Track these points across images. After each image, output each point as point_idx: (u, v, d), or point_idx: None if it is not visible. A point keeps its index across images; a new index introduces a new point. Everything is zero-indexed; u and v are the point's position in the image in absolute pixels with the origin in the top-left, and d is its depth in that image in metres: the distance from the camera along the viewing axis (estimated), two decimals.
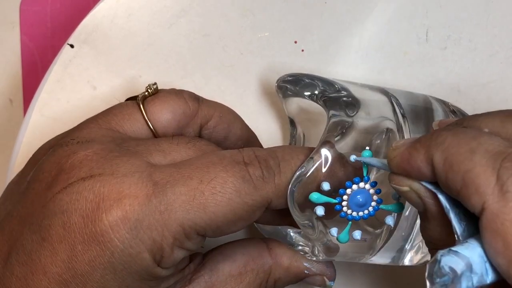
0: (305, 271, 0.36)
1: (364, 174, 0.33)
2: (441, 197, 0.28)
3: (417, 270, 0.43)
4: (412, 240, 0.36)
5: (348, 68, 0.43)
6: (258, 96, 0.43)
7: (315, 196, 0.32)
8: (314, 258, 0.36)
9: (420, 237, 0.36)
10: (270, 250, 0.36)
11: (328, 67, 0.43)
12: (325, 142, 0.33)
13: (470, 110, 0.40)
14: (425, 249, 0.37)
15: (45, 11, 0.53)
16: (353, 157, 0.32)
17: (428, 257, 0.37)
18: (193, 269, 0.34)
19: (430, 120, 0.38)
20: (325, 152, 0.33)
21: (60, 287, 0.30)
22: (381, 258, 0.37)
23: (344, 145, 0.34)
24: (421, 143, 0.28)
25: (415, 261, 0.37)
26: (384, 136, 0.35)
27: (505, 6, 0.44)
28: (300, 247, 0.37)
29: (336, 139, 0.34)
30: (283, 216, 0.36)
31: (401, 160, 0.29)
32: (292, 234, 0.37)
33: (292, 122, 0.41)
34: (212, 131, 0.37)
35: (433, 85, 0.43)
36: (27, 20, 0.53)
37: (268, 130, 0.43)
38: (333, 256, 0.35)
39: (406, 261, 0.37)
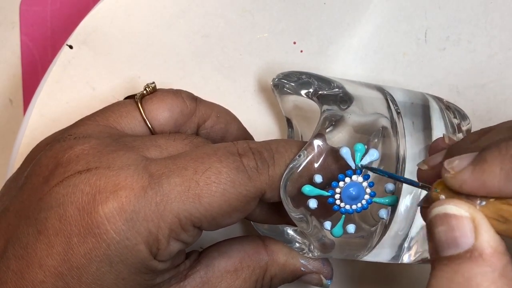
0: (302, 268, 0.36)
1: (357, 167, 0.33)
2: None
3: (415, 270, 0.43)
4: (410, 238, 0.37)
5: (347, 69, 0.43)
6: (257, 97, 0.43)
7: (307, 189, 0.33)
8: (310, 255, 0.36)
9: (418, 235, 0.37)
10: (266, 247, 0.36)
11: (327, 68, 0.43)
12: (318, 135, 0.34)
13: (469, 111, 0.41)
14: (423, 247, 0.37)
15: (45, 11, 0.53)
16: (344, 150, 0.33)
17: (426, 255, 0.37)
18: (188, 265, 0.34)
19: (426, 117, 0.38)
20: (317, 145, 0.33)
21: (55, 280, 0.30)
22: (379, 256, 0.37)
23: (336, 138, 0.34)
24: (488, 162, 0.27)
25: (413, 259, 0.37)
26: (380, 135, 0.35)
27: (504, 7, 0.44)
28: (297, 245, 0.37)
29: (327, 130, 0.34)
30: (280, 215, 0.36)
31: (473, 186, 0.27)
32: (289, 231, 0.37)
33: (289, 123, 0.41)
34: (209, 131, 0.37)
35: (432, 86, 0.43)
36: (27, 20, 0.53)
37: (267, 131, 0.43)
38: (329, 252, 0.35)
39: (405, 259, 0.37)
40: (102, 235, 0.30)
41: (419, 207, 0.33)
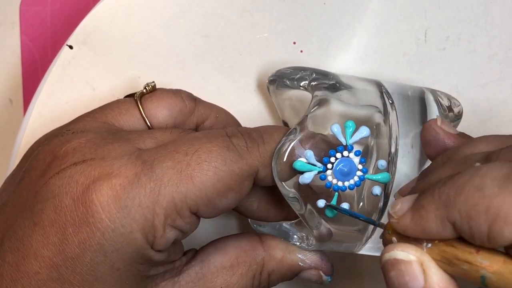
0: (299, 263, 0.36)
1: (348, 143, 0.33)
2: None
3: None
4: None
5: (347, 69, 0.43)
6: (257, 97, 0.43)
7: (298, 163, 0.33)
8: (306, 244, 0.36)
9: None
10: (263, 243, 0.36)
11: (327, 68, 0.43)
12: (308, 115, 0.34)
13: (469, 111, 0.41)
14: None
15: (45, 11, 0.53)
16: (334, 127, 0.33)
17: None
18: (185, 261, 0.34)
19: (422, 108, 0.38)
20: (308, 122, 0.33)
21: (50, 271, 0.30)
22: (379, 251, 0.37)
23: (326, 116, 0.35)
24: (425, 208, 0.27)
25: None
26: (374, 134, 0.35)
27: (504, 7, 0.44)
28: (295, 237, 0.37)
29: (313, 108, 0.35)
30: (278, 210, 0.37)
31: (414, 231, 0.28)
32: (285, 225, 0.37)
33: (286, 126, 0.41)
34: None
35: (432, 86, 0.43)
36: (27, 20, 0.53)
37: None
38: (326, 242, 0.35)
39: None
40: (96, 224, 0.30)
41: None
